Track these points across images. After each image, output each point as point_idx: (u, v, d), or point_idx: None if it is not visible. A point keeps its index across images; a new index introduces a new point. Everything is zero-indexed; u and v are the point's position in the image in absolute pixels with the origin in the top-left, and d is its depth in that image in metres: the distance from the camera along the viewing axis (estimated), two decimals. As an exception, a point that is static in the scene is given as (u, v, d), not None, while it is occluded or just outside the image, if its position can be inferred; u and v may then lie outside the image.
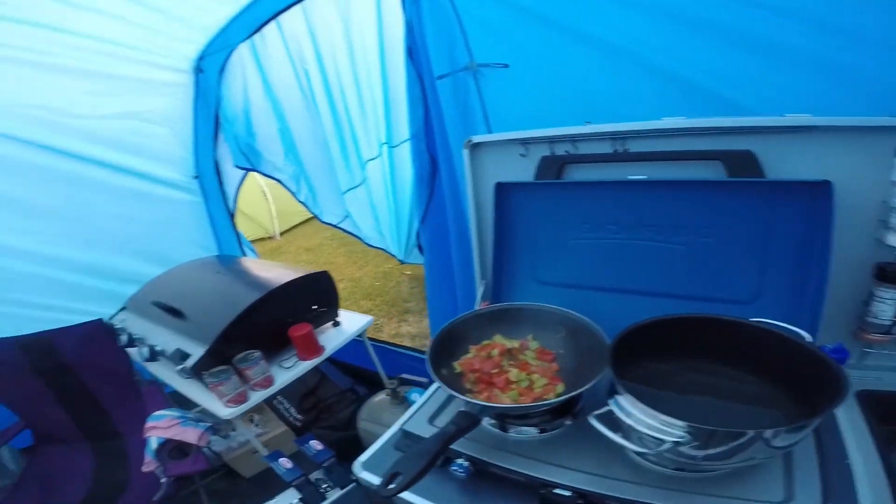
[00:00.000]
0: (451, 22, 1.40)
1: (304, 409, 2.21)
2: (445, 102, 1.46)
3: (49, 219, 2.05)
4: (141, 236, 2.30)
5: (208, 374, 1.40)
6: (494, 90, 1.37)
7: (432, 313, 2.03)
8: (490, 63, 1.33)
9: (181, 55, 2.07)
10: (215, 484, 2.02)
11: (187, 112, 2.13)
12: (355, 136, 2.15)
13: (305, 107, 2.04)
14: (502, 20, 1.32)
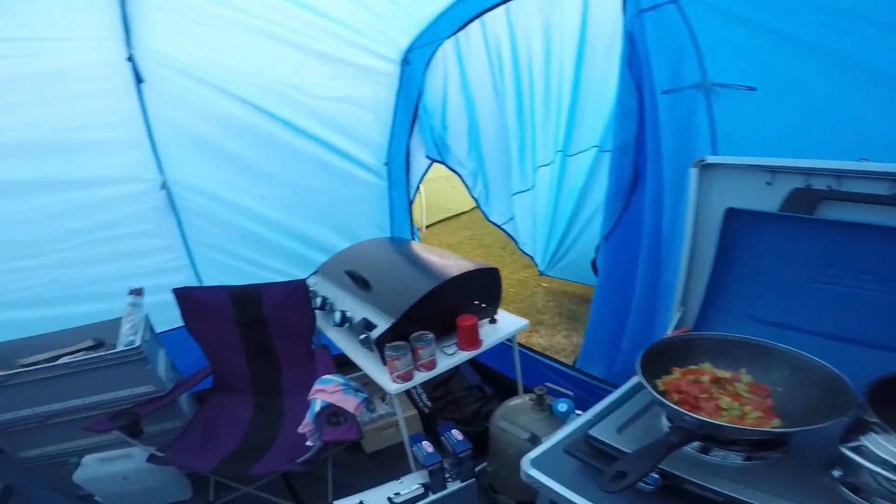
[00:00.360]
0: (682, 37, 1.32)
1: (433, 398, 2.26)
2: (664, 118, 1.39)
3: (270, 184, 2.36)
4: (335, 210, 2.54)
5: (390, 346, 1.47)
6: (731, 112, 1.26)
7: (591, 331, 1.97)
8: (732, 84, 1.22)
9: (395, 46, 2.22)
10: (339, 455, 2.08)
11: (390, 101, 2.28)
12: (535, 140, 2.16)
13: (495, 107, 2.09)
14: (748, 40, 1.22)
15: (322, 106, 2.28)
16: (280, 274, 2.50)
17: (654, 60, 1.40)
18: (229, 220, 2.34)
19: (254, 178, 2.35)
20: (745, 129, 1.26)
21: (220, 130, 2.22)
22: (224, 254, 2.39)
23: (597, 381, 1.94)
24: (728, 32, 1.26)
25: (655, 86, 1.39)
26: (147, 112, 2.03)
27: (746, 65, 1.24)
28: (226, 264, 2.36)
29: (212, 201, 2.32)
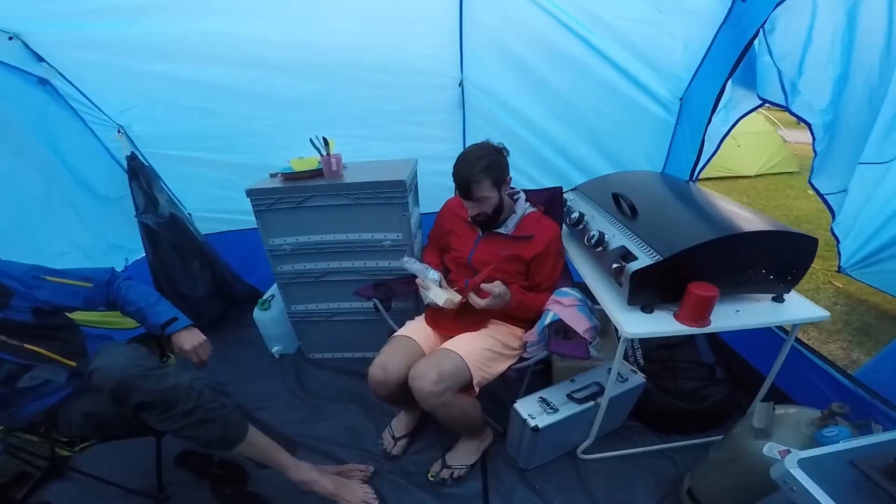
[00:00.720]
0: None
1: (651, 358, 2.11)
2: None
3: (555, 99, 2.42)
4: (610, 135, 2.49)
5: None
6: None
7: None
8: None
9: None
10: (532, 377, 2.10)
11: (708, 32, 2.03)
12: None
13: (881, 62, 1.66)
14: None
15: (628, 28, 2.14)
16: (534, 183, 2.64)
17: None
18: (507, 124, 2.49)
19: (540, 91, 2.41)
20: None
21: (523, 40, 2.28)
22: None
23: (885, 403, 1.57)
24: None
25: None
26: (463, 12, 2.19)
27: None
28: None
29: (497, 105, 2.48)
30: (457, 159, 1.64)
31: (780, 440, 1.32)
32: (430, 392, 1.51)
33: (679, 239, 1.42)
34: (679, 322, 1.45)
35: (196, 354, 1.53)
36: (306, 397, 2.32)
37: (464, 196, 1.65)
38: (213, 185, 2.61)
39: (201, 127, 2.43)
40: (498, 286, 1.60)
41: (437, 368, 1.54)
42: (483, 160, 1.60)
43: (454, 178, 1.63)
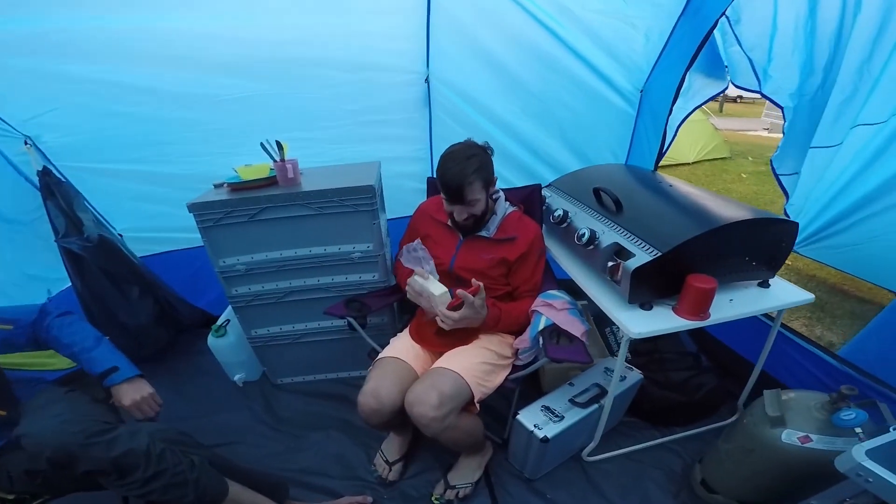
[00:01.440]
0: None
1: (637, 351, 2.04)
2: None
3: (523, 93, 2.30)
4: (576, 129, 2.39)
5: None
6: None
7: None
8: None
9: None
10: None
11: (667, 24, 2.01)
12: (871, 93, 1.68)
13: (835, 46, 1.71)
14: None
15: (594, 20, 2.07)
16: (503, 181, 2.45)
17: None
18: (475, 121, 2.33)
19: (509, 86, 2.28)
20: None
21: (494, 33, 2.16)
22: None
23: (876, 381, 1.56)
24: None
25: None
26: (431, 2, 2.03)
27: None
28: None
29: (464, 101, 2.32)
30: (442, 160, 1.47)
31: (795, 426, 1.31)
32: (434, 418, 1.34)
33: (674, 232, 1.34)
34: (680, 317, 1.37)
35: (140, 410, 1.30)
36: (281, 427, 2.06)
37: (453, 200, 1.48)
38: (144, 200, 2.26)
39: (127, 135, 2.09)
40: (476, 298, 1.43)
41: (437, 391, 1.36)
42: (473, 160, 1.45)
43: (442, 180, 1.45)
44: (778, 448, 1.30)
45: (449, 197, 1.48)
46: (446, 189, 1.46)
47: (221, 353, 2.22)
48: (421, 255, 1.58)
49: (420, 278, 1.52)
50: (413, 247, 1.58)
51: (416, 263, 1.58)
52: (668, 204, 1.60)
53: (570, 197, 1.83)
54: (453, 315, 1.43)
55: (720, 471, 1.55)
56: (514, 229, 1.63)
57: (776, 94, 1.95)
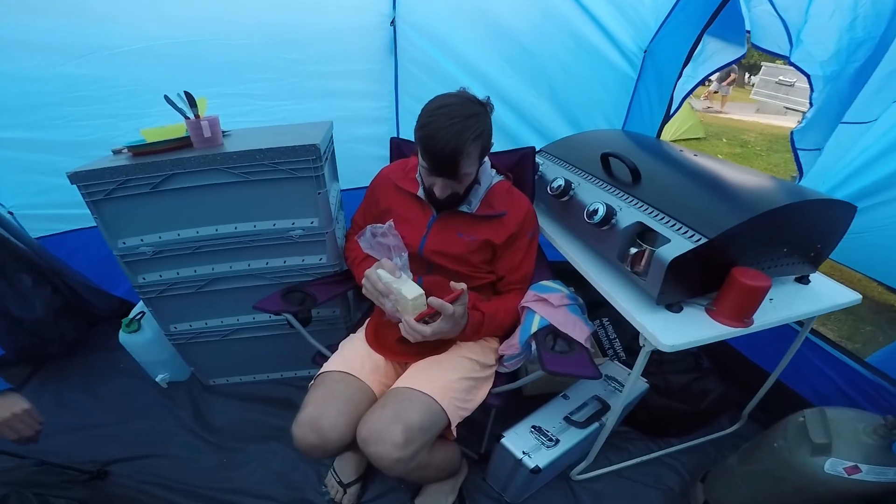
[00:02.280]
0: None
1: (632, 350, 1.72)
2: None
3: (510, 44, 1.87)
4: (568, 90, 1.98)
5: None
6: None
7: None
8: None
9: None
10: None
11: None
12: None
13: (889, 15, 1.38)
14: None
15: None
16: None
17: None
18: (450, 75, 1.87)
19: (494, 35, 1.84)
20: None
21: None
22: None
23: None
24: None
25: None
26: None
27: None
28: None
29: (438, 50, 1.86)
30: (430, 116, 1.01)
31: (840, 454, 1.02)
32: (397, 459, 0.95)
33: (722, 213, 0.98)
34: (718, 322, 1.02)
35: (13, 431, 1.02)
36: (213, 437, 1.64)
37: (441, 171, 1.06)
38: (37, 172, 1.73)
39: (3, 98, 1.57)
40: (457, 306, 1.03)
41: (402, 423, 0.97)
42: (474, 121, 1.02)
43: (427, 143, 1.01)
44: (818, 479, 1.02)
45: (435, 167, 1.05)
46: (434, 157, 1.02)
47: (137, 352, 1.76)
48: (392, 243, 1.14)
49: (386, 273, 1.10)
50: (380, 229, 1.14)
51: (383, 252, 1.15)
52: (700, 178, 1.22)
53: (568, 164, 1.43)
54: (424, 330, 1.02)
55: (732, 495, 1.25)
56: (502, 204, 1.22)
57: (804, 62, 1.62)
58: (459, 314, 1.04)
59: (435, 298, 0.99)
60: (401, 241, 1.13)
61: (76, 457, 1.53)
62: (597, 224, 1.14)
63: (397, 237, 1.13)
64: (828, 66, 1.55)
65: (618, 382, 1.40)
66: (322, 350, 1.30)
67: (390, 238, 1.12)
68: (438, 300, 0.99)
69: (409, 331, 1.03)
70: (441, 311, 1.00)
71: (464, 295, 1.03)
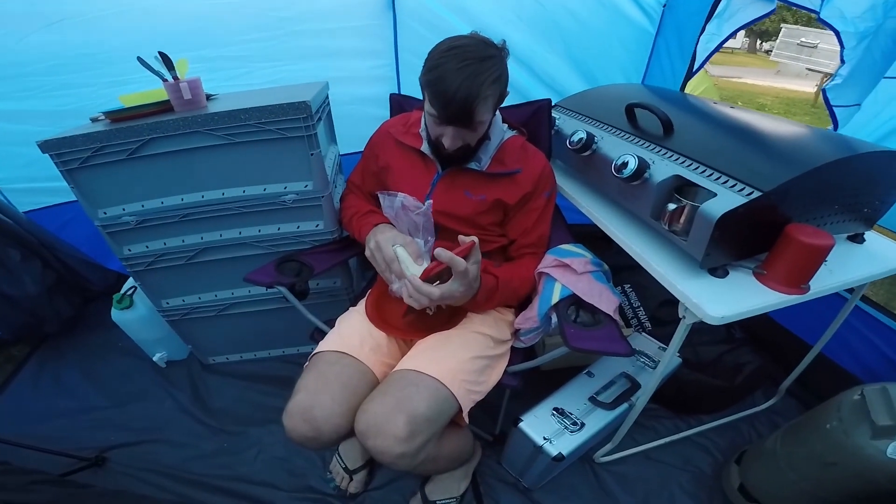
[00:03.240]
0: None
1: (658, 320, 1.58)
2: None
3: (532, 3, 1.68)
4: (583, 45, 1.78)
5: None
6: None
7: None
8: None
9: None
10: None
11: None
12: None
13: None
14: None
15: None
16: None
17: None
18: (454, 28, 1.65)
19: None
20: None
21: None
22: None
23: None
24: None
25: None
26: None
27: None
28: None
29: (441, 3, 1.66)
30: (441, 58, 0.85)
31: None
32: (401, 454, 0.82)
33: (775, 164, 0.82)
34: (770, 288, 0.86)
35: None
36: (213, 420, 1.54)
37: (453, 119, 0.90)
38: (17, 143, 1.59)
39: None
40: (470, 264, 0.86)
41: (406, 413, 0.83)
42: (490, 65, 0.86)
43: (437, 88, 0.86)
44: (877, 464, 0.89)
45: (446, 114, 0.89)
46: (446, 102, 0.86)
47: (132, 329, 1.64)
48: (422, 223, 0.99)
49: (405, 254, 0.96)
50: (418, 207, 0.99)
51: (405, 227, 1.01)
52: (742, 129, 1.04)
53: (587, 118, 1.26)
54: (431, 291, 0.86)
55: (773, 480, 1.11)
56: (515, 160, 1.06)
57: (834, 18, 1.46)
58: (473, 275, 0.87)
59: (443, 250, 0.82)
60: (432, 226, 0.99)
61: (74, 443, 1.45)
62: (627, 178, 0.97)
63: (429, 220, 0.98)
64: (861, 21, 1.38)
65: (647, 357, 1.26)
66: (320, 326, 1.17)
67: (422, 218, 0.98)
68: (447, 252, 0.81)
69: (414, 293, 0.87)
70: (451, 265, 0.83)
71: (475, 251, 0.86)
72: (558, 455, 1.02)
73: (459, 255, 0.83)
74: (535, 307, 1.03)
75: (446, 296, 0.87)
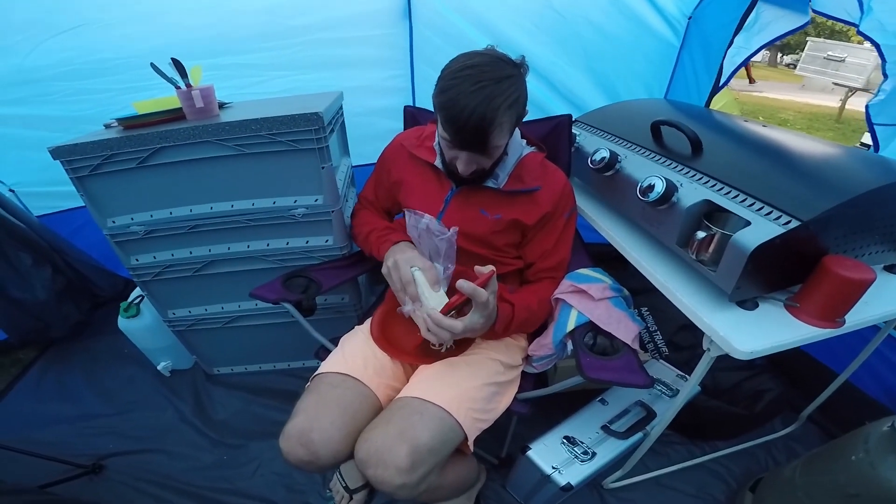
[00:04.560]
0: None
1: (675, 345, 1.51)
2: None
3: (543, 9, 1.63)
4: (605, 58, 1.73)
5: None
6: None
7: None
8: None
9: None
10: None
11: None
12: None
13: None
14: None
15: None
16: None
17: None
18: (471, 40, 1.63)
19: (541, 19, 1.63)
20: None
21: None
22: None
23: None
24: None
25: None
26: None
27: None
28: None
29: (457, 12, 1.63)
30: (454, 79, 0.80)
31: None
32: (402, 484, 0.78)
33: (814, 190, 0.77)
34: (803, 321, 0.80)
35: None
36: (213, 432, 1.50)
37: (467, 145, 0.85)
38: (32, 148, 1.57)
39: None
40: (489, 289, 0.82)
41: (409, 444, 0.79)
42: (507, 85, 0.81)
43: (450, 112, 0.80)
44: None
45: (459, 139, 0.84)
46: (458, 128, 0.81)
47: (137, 338, 1.62)
48: (443, 249, 0.95)
49: (423, 278, 0.91)
50: (441, 231, 0.95)
51: (426, 250, 0.97)
52: (776, 150, 0.98)
53: (610, 135, 1.21)
54: (454, 325, 0.82)
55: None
56: (535, 178, 1.01)
57: (875, 31, 1.38)
58: (492, 305, 0.84)
59: (465, 281, 0.78)
60: (454, 253, 0.95)
61: (73, 449, 1.43)
62: (653, 203, 0.92)
63: (452, 248, 0.95)
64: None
65: (664, 385, 1.21)
66: (326, 344, 1.12)
67: (445, 244, 0.94)
68: (470, 284, 0.78)
69: (434, 328, 0.83)
70: (473, 297, 0.79)
71: (493, 281, 0.82)
72: (566, 485, 0.97)
73: (481, 284, 0.79)
74: (549, 334, 0.98)
75: (468, 329, 0.83)
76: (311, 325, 1.13)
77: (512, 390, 1.01)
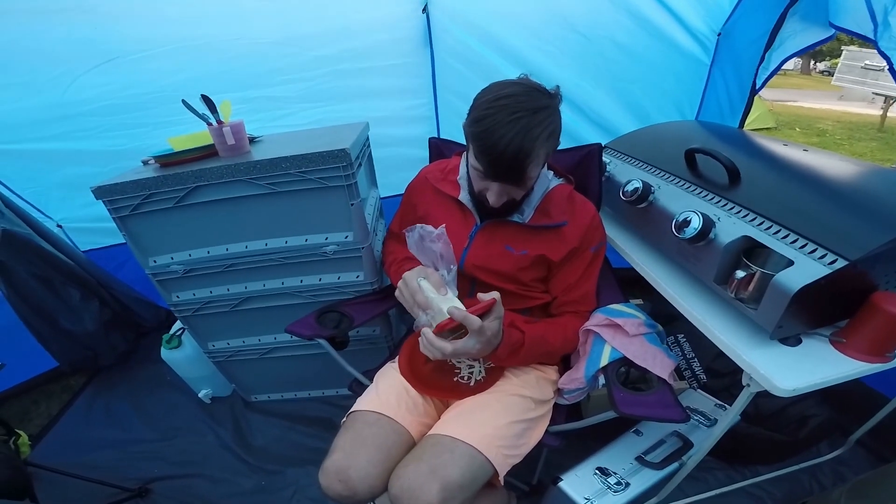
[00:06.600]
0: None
1: (714, 371, 1.47)
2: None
3: (560, 27, 1.62)
4: (631, 78, 1.70)
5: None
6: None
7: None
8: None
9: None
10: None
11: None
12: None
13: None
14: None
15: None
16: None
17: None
18: (493, 67, 1.63)
19: (543, 19, 1.60)
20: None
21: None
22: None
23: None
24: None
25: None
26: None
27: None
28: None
29: (480, 41, 1.63)
30: (486, 112, 0.79)
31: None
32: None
33: (860, 225, 0.74)
34: (850, 356, 0.77)
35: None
36: (252, 458, 1.54)
37: (502, 176, 0.85)
38: (74, 186, 1.66)
39: (26, 110, 1.50)
40: (489, 321, 0.82)
41: (440, 480, 0.79)
42: (543, 116, 0.80)
43: (485, 143, 0.80)
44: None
45: (494, 170, 0.83)
46: (495, 160, 0.81)
47: (179, 367, 1.67)
48: (441, 251, 0.96)
49: (428, 285, 0.91)
50: (431, 232, 0.95)
51: (429, 259, 0.97)
52: (818, 179, 0.95)
53: (642, 163, 1.19)
54: (444, 346, 0.83)
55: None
56: (561, 212, 1.00)
57: (891, 49, 1.29)
58: (493, 332, 0.82)
59: (457, 309, 0.79)
60: (451, 252, 0.94)
61: (121, 473, 1.50)
62: (689, 240, 0.89)
63: (448, 246, 0.94)
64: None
65: (702, 415, 1.17)
66: (359, 377, 1.14)
67: (440, 245, 0.94)
68: (461, 311, 0.79)
69: (427, 346, 0.84)
70: (465, 324, 0.80)
71: (497, 307, 0.82)
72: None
73: (479, 311, 0.80)
74: (581, 368, 0.97)
75: (460, 352, 0.83)
76: (344, 356, 1.16)
77: (543, 424, 1.00)
